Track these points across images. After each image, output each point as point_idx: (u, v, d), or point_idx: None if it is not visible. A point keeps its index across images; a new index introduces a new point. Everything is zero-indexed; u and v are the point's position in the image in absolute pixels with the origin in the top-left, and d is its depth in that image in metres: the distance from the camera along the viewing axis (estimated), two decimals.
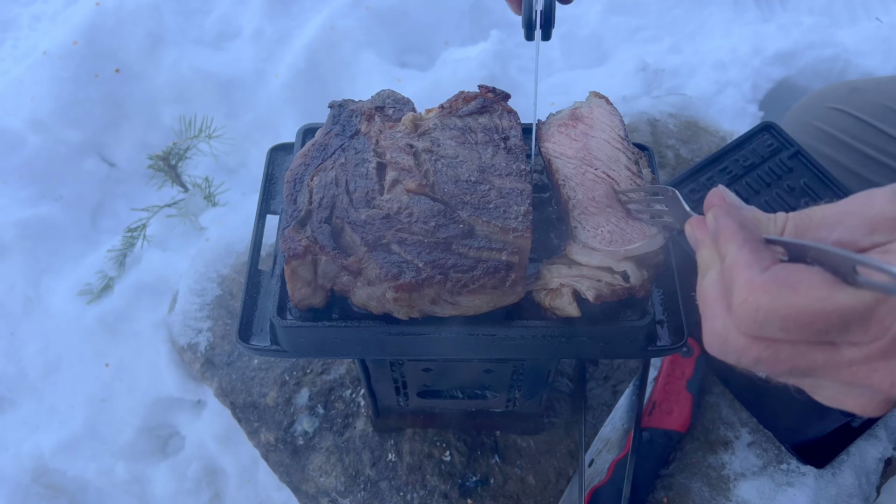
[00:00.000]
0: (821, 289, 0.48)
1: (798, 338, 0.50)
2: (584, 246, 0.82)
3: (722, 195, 0.61)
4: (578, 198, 0.87)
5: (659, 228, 0.82)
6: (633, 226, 0.83)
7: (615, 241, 0.81)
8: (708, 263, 0.59)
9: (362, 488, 1.34)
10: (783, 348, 0.51)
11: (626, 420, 1.34)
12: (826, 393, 0.56)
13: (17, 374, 1.86)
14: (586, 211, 0.85)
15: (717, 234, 0.57)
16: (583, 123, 0.96)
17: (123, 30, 2.17)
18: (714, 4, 2.73)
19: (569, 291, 0.81)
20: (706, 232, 0.61)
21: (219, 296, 1.61)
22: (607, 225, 0.83)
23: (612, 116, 0.96)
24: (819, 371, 0.51)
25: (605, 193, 0.87)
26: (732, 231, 0.55)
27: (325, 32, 2.26)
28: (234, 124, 2.17)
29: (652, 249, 0.81)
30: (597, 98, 1.00)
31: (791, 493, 1.29)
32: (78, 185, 2.13)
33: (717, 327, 0.54)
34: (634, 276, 0.81)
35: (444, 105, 0.97)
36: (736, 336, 0.53)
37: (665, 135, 1.88)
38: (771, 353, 0.51)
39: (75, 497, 1.76)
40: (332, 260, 0.80)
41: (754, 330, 0.51)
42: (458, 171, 0.87)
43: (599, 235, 0.82)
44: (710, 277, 0.57)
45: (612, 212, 0.85)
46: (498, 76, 2.16)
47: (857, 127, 1.53)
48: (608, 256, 0.81)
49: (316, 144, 0.92)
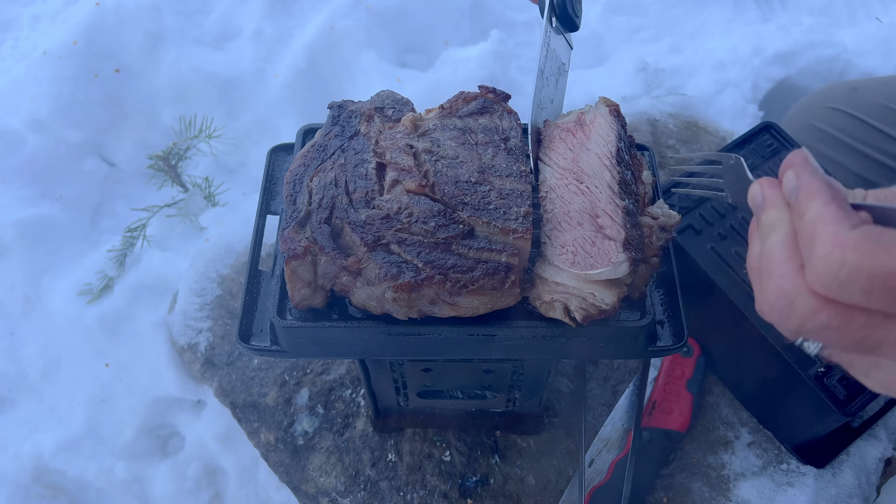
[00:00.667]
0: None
1: (878, 305, 0.46)
2: (550, 264, 0.81)
3: (805, 156, 0.57)
4: (554, 211, 0.85)
5: (626, 256, 0.78)
6: (600, 250, 0.80)
7: (578, 264, 0.79)
8: (774, 223, 0.55)
9: (362, 488, 1.34)
10: (857, 316, 0.47)
11: (626, 420, 1.34)
12: (882, 376, 0.53)
13: (17, 374, 1.86)
14: (558, 226, 0.83)
15: (797, 191, 0.53)
16: (582, 133, 0.94)
17: (123, 30, 2.17)
18: (714, 4, 2.73)
19: (561, 307, 0.81)
20: (778, 191, 0.57)
21: (219, 296, 1.61)
22: (573, 245, 0.81)
23: (611, 131, 0.92)
24: (887, 348, 0.48)
25: (581, 208, 0.84)
26: (819, 188, 0.52)
27: (325, 32, 2.26)
28: (234, 124, 2.17)
29: (614, 277, 0.78)
30: (604, 106, 0.97)
31: (791, 493, 1.29)
32: (78, 185, 2.13)
33: (785, 286, 0.50)
34: (606, 298, 0.79)
35: (445, 105, 0.97)
36: (806, 297, 0.49)
37: (665, 135, 1.88)
38: (843, 320, 0.48)
39: (75, 497, 1.76)
40: (332, 260, 0.80)
41: (832, 288, 0.47)
42: (458, 172, 0.87)
43: (564, 255, 0.80)
44: (776, 237, 0.53)
45: (581, 230, 0.82)
46: (498, 76, 2.16)
47: (857, 127, 1.53)
48: (573, 278, 0.79)
49: (315, 145, 0.92)
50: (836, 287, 0.47)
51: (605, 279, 0.78)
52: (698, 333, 1.41)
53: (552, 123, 0.98)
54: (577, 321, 0.80)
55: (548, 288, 0.82)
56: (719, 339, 1.39)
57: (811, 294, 0.49)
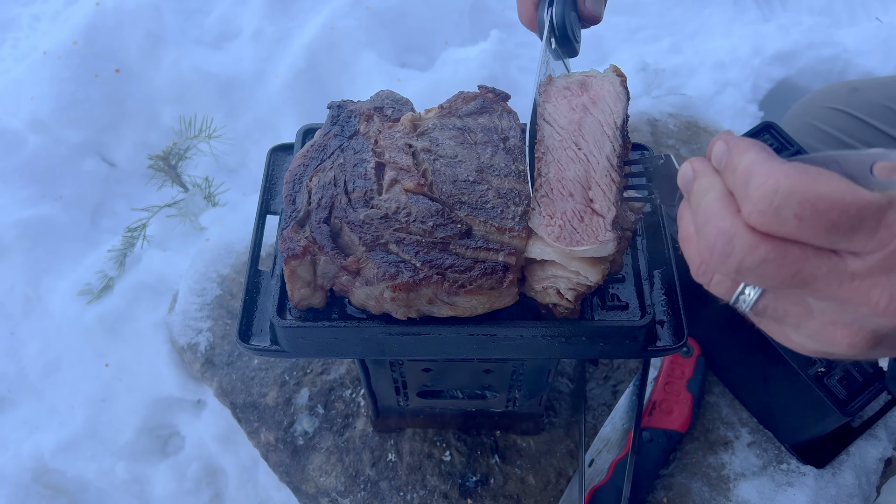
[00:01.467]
0: (840, 181, 0.48)
1: (809, 233, 0.49)
2: (538, 238, 0.79)
3: (731, 132, 0.61)
4: (549, 176, 0.82)
5: (614, 235, 0.76)
6: (587, 226, 0.78)
7: (563, 238, 0.77)
8: (707, 188, 0.57)
9: (362, 488, 1.34)
10: (792, 249, 0.50)
11: (626, 420, 1.34)
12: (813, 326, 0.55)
13: (17, 374, 1.86)
14: (549, 194, 0.80)
15: (727, 153, 0.56)
16: (587, 96, 0.90)
17: (123, 30, 2.17)
18: (714, 4, 2.73)
19: (553, 291, 0.81)
20: (708, 163, 0.60)
21: (219, 296, 1.61)
22: (561, 217, 0.78)
23: (618, 101, 0.89)
24: (820, 282, 0.51)
25: (575, 177, 0.81)
26: (748, 144, 0.55)
27: (325, 32, 2.26)
28: (234, 124, 2.18)
29: (600, 255, 0.77)
30: (614, 75, 0.93)
31: (791, 493, 1.29)
32: (78, 185, 2.13)
33: (724, 226, 0.53)
34: (591, 276, 0.78)
35: (444, 105, 0.97)
36: (745, 233, 0.52)
37: (665, 135, 1.88)
38: (779, 252, 0.51)
39: (75, 497, 1.76)
40: (331, 260, 0.80)
41: (768, 216, 0.50)
42: (457, 171, 0.87)
43: (551, 226, 0.78)
44: (710, 196, 0.56)
45: (572, 201, 0.79)
46: (498, 76, 2.16)
47: (856, 127, 1.53)
48: (559, 254, 0.78)
49: (315, 145, 0.92)
50: (772, 214, 0.50)
51: (590, 256, 0.77)
52: (698, 333, 1.41)
53: (555, 80, 0.93)
54: (570, 301, 0.80)
55: (536, 277, 0.82)
56: (719, 339, 1.39)
57: (749, 230, 0.52)
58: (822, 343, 0.56)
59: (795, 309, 0.56)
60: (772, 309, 0.57)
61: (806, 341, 0.57)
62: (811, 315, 0.55)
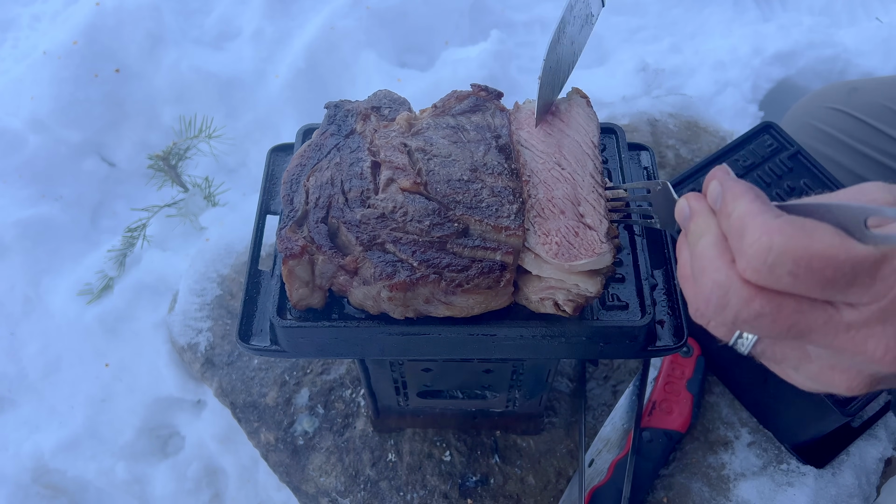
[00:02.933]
0: (834, 237, 0.48)
1: (804, 288, 0.49)
2: (534, 255, 0.80)
3: (727, 169, 0.61)
4: (538, 197, 0.84)
5: (609, 246, 0.79)
6: (583, 240, 0.80)
7: (561, 255, 0.78)
8: (703, 230, 0.58)
9: (362, 488, 1.34)
10: (787, 301, 0.50)
11: (626, 420, 1.34)
12: (812, 368, 0.55)
13: (17, 374, 1.86)
14: (542, 213, 0.83)
15: (722, 196, 0.56)
16: (559, 120, 0.94)
17: (123, 30, 2.17)
18: (714, 4, 2.73)
19: (551, 303, 0.81)
20: (704, 202, 0.60)
21: (219, 296, 1.61)
22: (557, 235, 0.80)
23: (590, 121, 0.93)
24: (816, 333, 0.51)
25: (564, 195, 0.84)
26: (743, 189, 0.55)
27: (325, 32, 2.26)
28: (234, 124, 2.18)
29: (599, 267, 0.78)
30: (578, 97, 0.97)
31: (791, 493, 1.29)
32: (78, 185, 2.13)
33: (720, 278, 0.53)
34: (589, 287, 0.79)
35: (437, 104, 0.97)
36: (740, 287, 0.52)
37: (665, 135, 1.88)
38: (774, 307, 0.51)
39: (75, 497, 1.76)
40: (329, 259, 0.80)
41: (762, 273, 0.50)
42: (451, 170, 0.87)
43: (548, 244, 0.80)
44: (706, 240, 0.56)
45: (564, 218, 0.82)
46: (498, 76, 2.16)
47: (856, 127, 1.53)
48: (558, 269, 0.79)
49: (312, 145, 0.92)
50: (766, 271, 0.50)
51: (589, 269, 0.78)
52: (698, 333, 1.41)
53: (522, 107, 0.97)
54: (568, 313, 0.81)
55: (533, 287, 0.82)
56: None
57: (744, 284, 0.52)
58: (822, 384, 0.56)
59: (794, 353, 0.56)
60: (770, 353, 0.58)
61: (805, 381, 0.58)
62: (809, 359, 0.55)
